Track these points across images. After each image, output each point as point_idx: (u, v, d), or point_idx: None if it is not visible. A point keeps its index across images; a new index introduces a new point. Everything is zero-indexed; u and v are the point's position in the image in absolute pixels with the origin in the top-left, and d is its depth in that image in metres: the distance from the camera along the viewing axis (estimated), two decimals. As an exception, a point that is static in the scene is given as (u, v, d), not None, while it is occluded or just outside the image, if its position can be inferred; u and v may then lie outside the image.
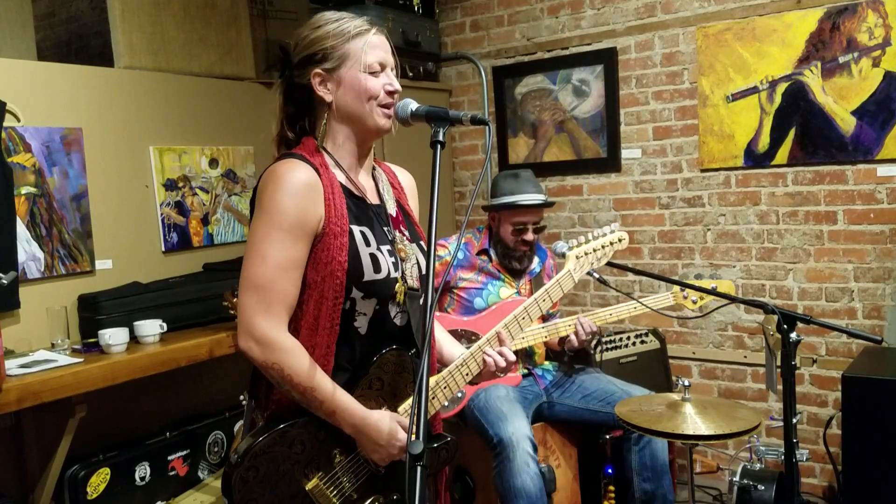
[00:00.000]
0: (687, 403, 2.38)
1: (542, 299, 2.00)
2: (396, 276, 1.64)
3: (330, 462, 1.60)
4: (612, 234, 2.27)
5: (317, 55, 1.61)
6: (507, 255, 2.99)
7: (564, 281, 2.12)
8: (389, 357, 1.64)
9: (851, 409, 2.79)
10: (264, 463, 1.53)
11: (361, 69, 1.60)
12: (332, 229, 1.56)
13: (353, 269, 1.57)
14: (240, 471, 1.52)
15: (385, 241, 1.66)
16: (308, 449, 1.57)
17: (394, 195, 1.78)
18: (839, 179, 3.44)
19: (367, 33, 1.62)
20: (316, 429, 1.58)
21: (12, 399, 2.19)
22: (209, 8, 3.22)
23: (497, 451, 2.60)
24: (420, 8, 4.22)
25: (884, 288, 3.38)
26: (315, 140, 1.65)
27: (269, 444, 1.54)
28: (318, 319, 1.56)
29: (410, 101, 1.61)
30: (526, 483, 2.50)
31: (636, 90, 3.91)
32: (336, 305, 1.56)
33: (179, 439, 2.93)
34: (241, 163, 3.33)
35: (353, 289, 1.58)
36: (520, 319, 1.89)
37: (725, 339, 3.79)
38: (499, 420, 2.64)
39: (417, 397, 1.28)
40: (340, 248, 1.56)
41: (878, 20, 3.27)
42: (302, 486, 1.57)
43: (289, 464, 1.56)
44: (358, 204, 1.65)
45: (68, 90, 2.76)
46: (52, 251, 2.67)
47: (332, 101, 1.62)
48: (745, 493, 2.86)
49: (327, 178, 1.59)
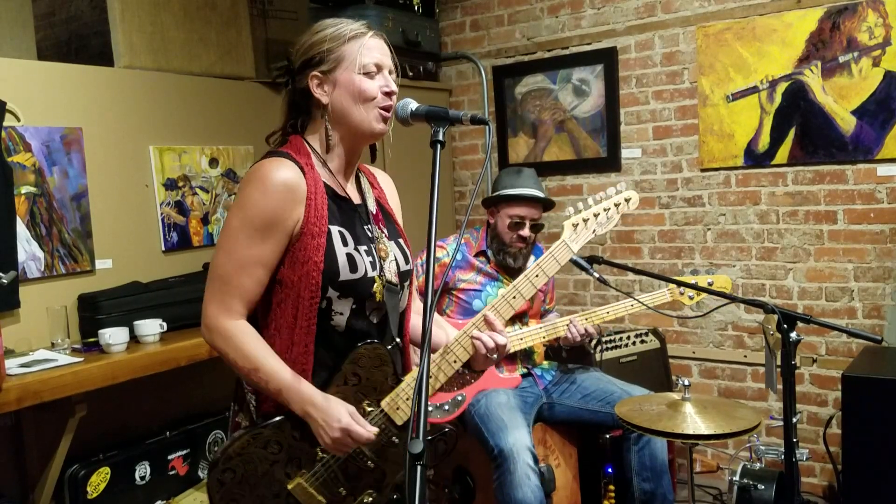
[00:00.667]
0: (687, 403, 2.38)
1: (535, 275, 1.83)
2: (374, 276, 1.64)
3: (312, 460, 1.61)
4: (617, 195, 1.98)
5: (314, 58, 1.62)
6: (502, 250, 2.96)
7: (559, 252, 1.88)
8: (363, 352, 1.63)
9: (851, 409, 2.79)
10: (240, 465, 1.56)
11: (356, 70, 1.61)
12: (311, 229, 1.58)
13: (328, 269, 1.58)
14: (215, 473, 1.56)
15: (365, 241, 1.66)
16: (286, 449, 1.59)
17: (374, 194, 1.79)
18: (839, 179, 3.44)
19: (363, 36, 1.63)
20: (291, 428, 1.59)
21: (12, 398, 2.20)
22: (209, 8, 3.22)
23: (497, 462, 2.59)
24: (420, 7, 4.22)
25: (884, 287, 3.38)
26: (303, 139, 1.67)
27: (242, 445, 1.57)
28: (296, 318, 1.58)
29: (410, 101, 1.61)
30: (527, 496, 2.50)
31: (636, 90, 3.91)
32: (312, 305, 1.57)
33: (179, 439, 2.93)
34: (241, 162, 3.33)
35: (329, 288, 1.59)
36: (509, 298, 1.78)
37: (725, 339, 3.79)
38: (499, 430, 2.62)
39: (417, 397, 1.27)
40: (317, 248, 1.57)
41: (878, 20, 3.27)
42: (284, 486, 1.58)
43: (267, 464, 1.57)
44: (340, 204, 1.66)
45: (68, 90, 2.76)
46: (52, 251, 2.67)
47: (327, 102, 1.63)
48: (744, 493, 2.86)
49: (311, 177, 1.60)
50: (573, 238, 1.91)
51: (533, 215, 2.94)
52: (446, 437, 1.75)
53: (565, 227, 1.93)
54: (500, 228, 2.96)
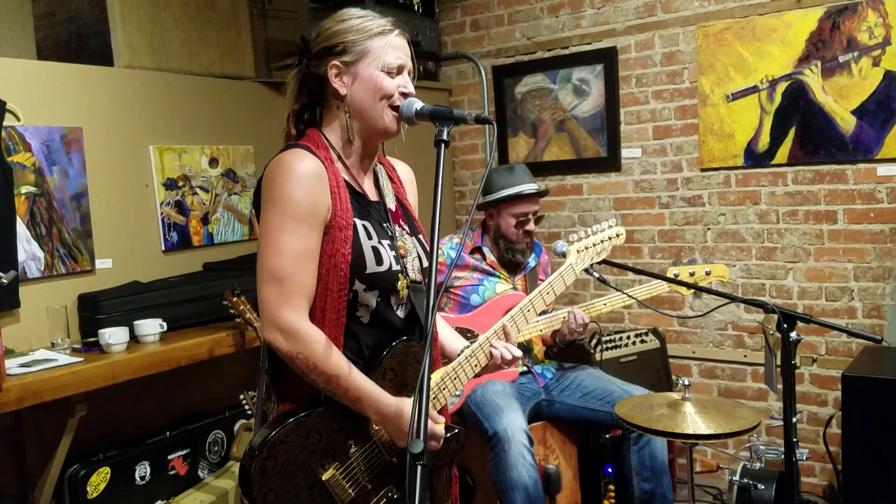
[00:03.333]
0: (687, 403, 2.38)
1: (546, 292, 2.04)
2: (398, 270, 1.65)
3: (346, 453, 1.60)
4: (609, 229, 2.35)
5: (337, 47, 1.61)
6: (510, 248, 3.01)
7: (567, 274, 2.18)
8: (401, 348, 1.66)
9: (851, 409, 2.79)
10: (282, 453, 1.53)
11: (379, 67, 1.60)
12: (338, 222, 1.57)
13: (356, 261, 1.58)
14: (258, 461, 1.50)
15: (385, 237, 1.67)
16: (324, 439, 1.58)
17: (392, 190, 1.78)
18: (839, 179, 3.44)
19: (389, 33, 1.63)
20: (331, 419, 1.58)
21: (12, 398, 2.19)
22: (209, 7, 3.22)
23: (492, 443, 2.61)
24: (420, 7, 4.22)
25: (884, 287, 3.38)
26: (320, 133, 1.66)
27: (286, 434, 1.53)
28: (325, 311, 1.57)
29: (415, 101, 1.61)
30: (522, 475, 2.51)
31: (636, 89, 3.91)
32: (341, 297, 1.57)
33: (179, 438, 2.93)
34: (241, 162, 3.33)
35: (356, 281, 1.58)
36: (525, 312, 1.93)
37: (725, 339, 3.79)
38: (494, 413, 2.66)
39: (418, 397, 1.27)
40: (345, 240, 1.57)
41: (878, 19, 3.27)
42: (319, 477, 1.57)
43: (306, 454, 1.55)
44: (359, 199, 1.66)
45: (68, 90, 2.76)
46: (52, 250, 2.67)
47: (345, 94, 1.62)
48: (744, 493, 2.86)
49: (332, 171, 1.60)
50: (577, 263, 2.25)
51: (536, 209, 3.01)
52: (458, 436, 1.76)
53: (570, 253, 2.28)
54: (504, 228, 2.99)
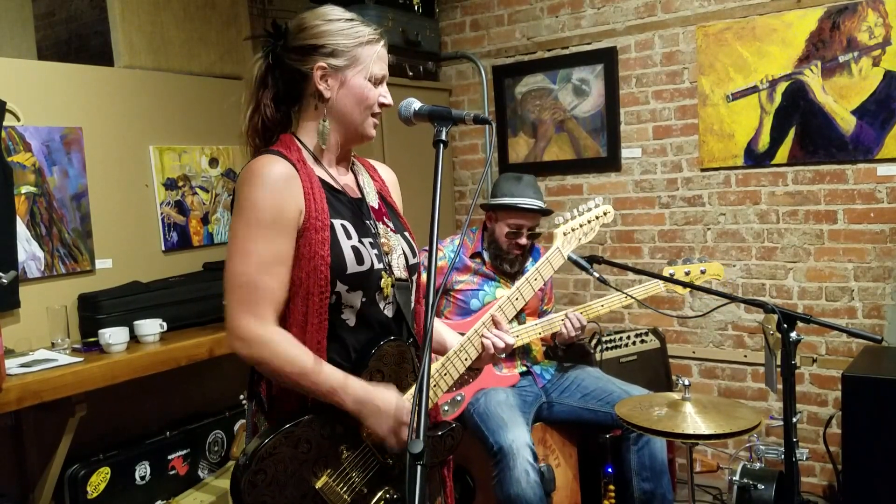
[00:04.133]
0: (687, 403, 2.38)
1: (534, 278, 2.07)
2: (381, 268, 1.63)
3: (338, 458, 1.60)
4: (596, 208, 2.36)
5: (326, 48, 1.59)
6: (498, 256, 2.97)
7: (554, 258, 2.18)
8: (388, 349, 1.64)
9: (851, 409, 2.79)
10: (272, 465, 1.52)
11: (366, 76, 1.60)
12: (313, 224, 1.55)
13: (336, 262, 1.56)
14: (248, 474, 1.50)
15: (367, 235, 1.65)
16: (315, 447, 1.57)
17: (375, 187, 1.77)
18: (839, 179, 3.44)
19: (377, 43, 1.63)
20: (320, 426, 1.57)
21: (12, 398, 2.20)
22: (209, 7, 3.22)
23: (497, 459, 2.59)
24: (420, 7, 4.22)
25: (884, 287, 3.38)
26: (292, 135, 1.65)
27: (274, 445, 1.53)
28: (307, 316, 1.55)
29: (414, 101, 1.60)
30: (526, 492, 2.50)
31: (636, 89, 3.91)
32: (322, 301, 1.55)
33: (179, 438, 2.93)
34: (241, 162, 3.29)
35: (338, 282, 1.57)
36: (513, 300, 1.94)
37: (725, 339, 3.79)
38: (499, 428, 2.63)
39: (418, 397, 1.27)
40: (322, 242, 1.55)
41: (878, 19, 3.27)
42: (312, 486, 1.56)
43: (297, 464, 1.55)
44: (338, 197, 1.64)
45: (68, 90, 2.76)
46: (52, 250, 2.67)
47: (330, 97, 1.61)
48: (744, 493, 2.86)
49: (305, 172, 1.58)
50: (564, 245, 2.23)
51: (531, 224, 2.95)
52: (454, 431, 1.76)
53: (557, 236, 2.25)
54: (497, 235, 2.96)
